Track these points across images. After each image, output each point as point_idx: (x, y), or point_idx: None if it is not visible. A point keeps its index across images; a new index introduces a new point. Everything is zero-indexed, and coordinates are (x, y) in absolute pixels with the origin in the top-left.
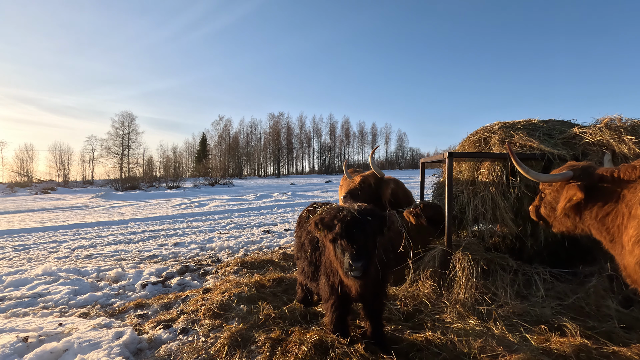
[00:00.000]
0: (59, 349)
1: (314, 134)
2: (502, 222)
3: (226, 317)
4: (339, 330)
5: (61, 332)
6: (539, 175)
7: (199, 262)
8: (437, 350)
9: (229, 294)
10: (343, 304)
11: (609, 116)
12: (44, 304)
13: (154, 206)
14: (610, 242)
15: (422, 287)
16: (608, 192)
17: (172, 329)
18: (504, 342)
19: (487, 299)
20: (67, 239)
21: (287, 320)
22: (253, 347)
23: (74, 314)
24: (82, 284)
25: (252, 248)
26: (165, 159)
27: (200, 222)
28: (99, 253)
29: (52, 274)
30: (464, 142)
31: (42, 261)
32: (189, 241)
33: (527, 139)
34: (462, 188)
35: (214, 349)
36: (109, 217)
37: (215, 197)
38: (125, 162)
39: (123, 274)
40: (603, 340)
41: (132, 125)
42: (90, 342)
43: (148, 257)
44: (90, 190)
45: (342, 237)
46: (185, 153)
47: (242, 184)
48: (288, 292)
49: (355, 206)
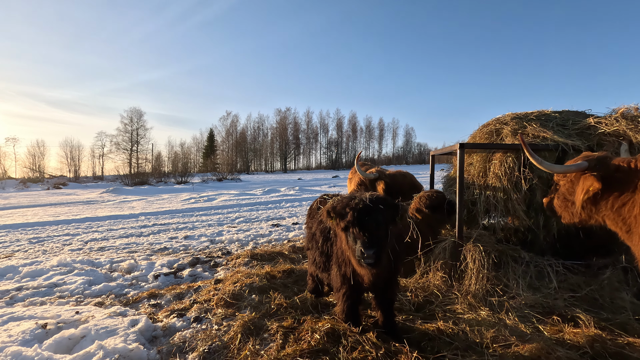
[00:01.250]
0: (76, 335)
1: (321, 129)
2: (514, 214)
3: (238, 307)
4: (350, 319)
5: (78, 319)
6: (553, 167)
7: (210, 255)
8: (449, 340)
9: (240, 284)
10: (355, 293)
11: (625, 106)
12: (60, 294)
13: (163, 201)
14: (627, 233)
15: (433, 278)
16: (625, 183)
17: (185, 318)
18: (516, 332)
19: (499, 290)
20: (80, 232)
21: (299, 309)
22: (266, 335)
23: (90, 303)
24: (96, 275)
25: (261, 241)
26: (173, 155)
27: (209, 216)
28: (111, 245)
29: (67, 265)
30: (475, 134)
31: (56, 253)
32: (199, 234)
33: (541, 130)
34: (474, 180)
35: (227, 337)
36: (119, 211)
37: (224, 192)
38: (134, 157)
39: (135, 266)
40: (617, 332)
41: (140, 121)
42: (106, 329)
43: (159, 249)
44: (100, 186)
45: (354, 225)
46: (193, 149)
47: (249, 179)
48: (298, 283)
49: (367, 195)
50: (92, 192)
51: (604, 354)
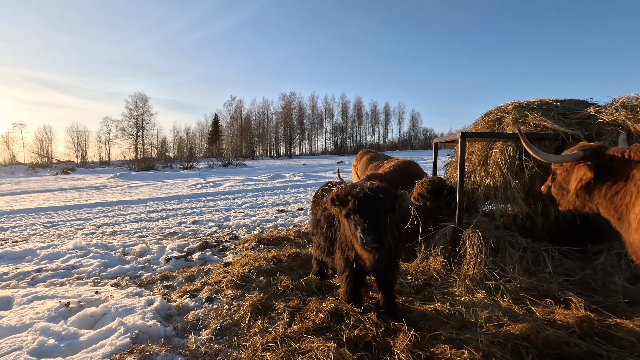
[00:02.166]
0: (98, 313)
1: (326, 114)
2: (513, 202)
3: (247, 288)
4: (353, 300)
5: (98, 299)
6: (549, 156)
7: (218, 239)
8: (445, 320)
9: (248, 267)
10: (357, 275)
11: (625, 95)
12: (78, 275)
13: (170, 186)
14: (618, 220)
15: (433, 263)
16: (618, 172)
17: (197, 298)
18: (509, 313)
19: (496, 274)
20: (92, 217)
21: (304, 291)
22: (273, 314)
23: (107, 284)
24: (111, 258)
25: (267, 226)
26: (178, 140)
27: (216, 202)
28: (122, 230)
29: (82, 249)
30: (477, 122)
31: (70, 237)
32: (207, 219)
33: (541, 119)
34: (475, 168)
35: (237, 315)
36: (128, 197)
37: (229, 178)
38: (140, 143)
39: (147, 249)
40: (607, 313)
41: (145, 107)
42: (125, 307)
43: (169, 234)
44: (107, 171)
45: (355, 212)
46: (198, 134)
47: (254, 164)
48: (304, 266)
49: (368, 184)
50: (100, 177)
51: (590, 333)
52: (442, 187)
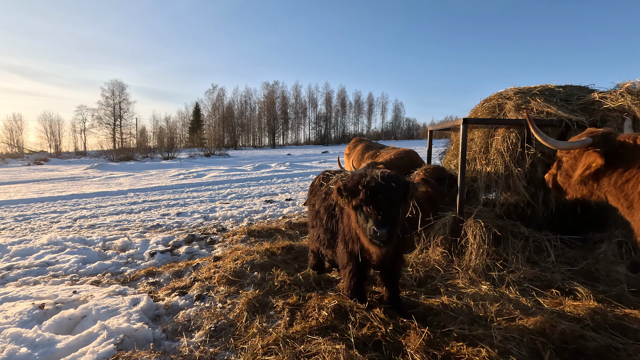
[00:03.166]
0: (77, 315)
1: (310, 103)
2: (515, 190)
3: (241, 284)
4: (356, 295)
5: (77, 299)
6: (557, 143)
7: (205, 231)
8: (454, 314)
9: (241, 262)
10: (361, 270)
11: (630, 81)
12: (54, 273)
13: (151, 177)
14: (628, 209)
15: (433, 254)
16: (630, 159)
17: (187, 296)
18: (518, 306)
19: (499, 265)
20: (68, 209)
21: (302, 286)
22: (272, 312)
23: (86, 282)
24: (90, 253)
25: (255, 217)
26: (158, 130)
27: (200, 192)
28: (101, 223)
29: (58, 244)
30: (476, 109)
31: (45, 231)
32: (191, 211)
33: (545, 105)
34: (475, 155)
35: (233, 314)
36: (107, 188)
37: (213, 168)
38: (118, 132)
39: (130, 243)
40: (615, 303)
41: (122, 95)
42: (107, 308)
43: (152, 226)
44: (84, 162)
45: (367, 203)
46: (179, 123)
47: (237, 154)
48: (298, 259)
49: (379, 172)
50: (76, 168)
51: (604, 325)
52: (444, 174)
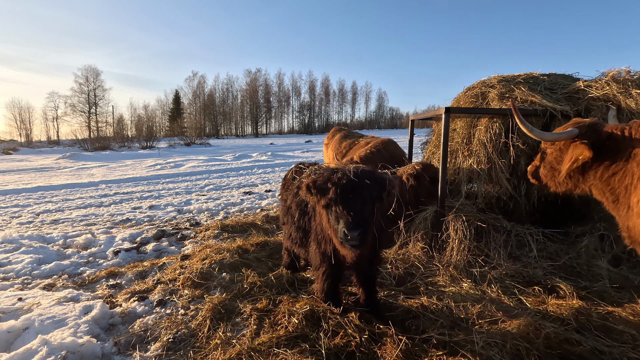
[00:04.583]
0: (17, 327)
1: (293, 92)
2: (497, 182)
3: (207, 287)
4: (330, 298)
5: (20, 308)
6: (543, 134)
7: (177, 226)
8: (434, 317)
9: (209, 261)
10: (335, 272)
11: (616, 69)
12: (4, 275)
13: (126, 167)
14: (613, 203)
15: (413, 249)
16: (616, 151)
17: (148, 301)
18: (501, 306)
19: (480, 261)
20: (31, 203)
21: (274, 288)
22: (238, 319)
23: (37, 285)
24: (47, 252)
25: (232, 210)
26: (136, 118)
27: (176, 184)
28: (66, 218)
29: (13, 242)
30: (459, 97)
31: (2, 227)
32: (165, 204)
33: (529, 94)
34: (457, 147)
35: (195, 323)
36: (77, 179)
37: (192, 158)
38: (93, 120)
39: (93, 240)
40: (597, 300)
41: (97, 81)
42: (53, 319)
43: (121, 221)
44: (56, 151)
45: (336, 203)
46: (158, 112)
47: (219, 143)
48: (273, 256)
49: (352, 167)
50: (47, 158)
51: (588, 326)
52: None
